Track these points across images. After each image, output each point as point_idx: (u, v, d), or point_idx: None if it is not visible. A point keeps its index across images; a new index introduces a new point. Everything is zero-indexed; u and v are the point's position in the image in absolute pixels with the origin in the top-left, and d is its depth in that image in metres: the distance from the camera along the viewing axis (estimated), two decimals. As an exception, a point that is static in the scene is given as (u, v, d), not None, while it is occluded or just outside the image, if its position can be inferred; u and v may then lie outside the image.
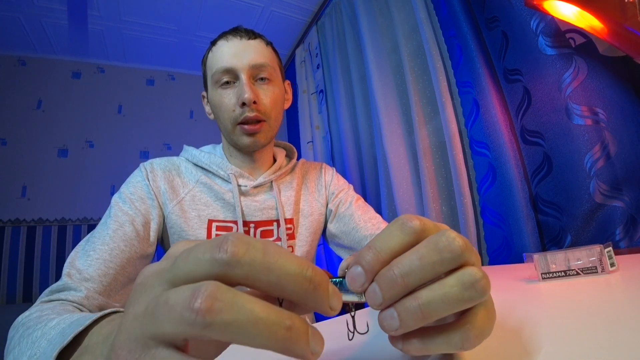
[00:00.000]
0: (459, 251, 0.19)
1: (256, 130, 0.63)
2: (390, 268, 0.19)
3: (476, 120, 1.04)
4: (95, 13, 2.05)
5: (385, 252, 0.20)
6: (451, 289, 0.18)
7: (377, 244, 0.20)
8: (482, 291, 0.18)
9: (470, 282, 0.18)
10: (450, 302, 0.18)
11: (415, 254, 0.19)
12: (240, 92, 0.61)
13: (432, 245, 0.19)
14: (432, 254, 0.19)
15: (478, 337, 0.19)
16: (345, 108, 1.77)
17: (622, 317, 0.29)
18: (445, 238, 0.19)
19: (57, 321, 0.31)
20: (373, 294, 0.19)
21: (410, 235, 0.20)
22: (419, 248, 0.19)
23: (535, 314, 0.34)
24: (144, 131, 2.60)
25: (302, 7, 2.15)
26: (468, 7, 1.10)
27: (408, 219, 0.20)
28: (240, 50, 0.63)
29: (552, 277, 0.49)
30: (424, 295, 0.18)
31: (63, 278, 0.48)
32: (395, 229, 0.20)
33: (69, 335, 0.25)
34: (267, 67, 0.65)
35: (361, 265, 0.20)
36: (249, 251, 0.15)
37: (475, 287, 0.18)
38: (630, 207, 0.76)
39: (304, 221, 0.73)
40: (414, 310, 0.18)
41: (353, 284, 0.20)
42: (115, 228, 0.55)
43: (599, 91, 0.80)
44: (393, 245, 0.20)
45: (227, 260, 0.15)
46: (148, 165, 0.66)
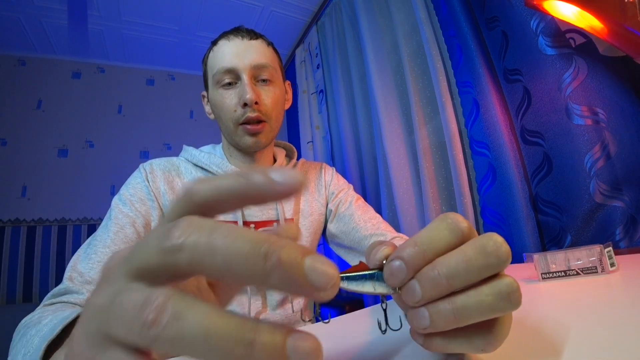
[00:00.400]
0: (505, 257, 0.18)
1: (258, 130, 0.63)
2: (434, 267, 0.19)
3: (476, 120, 1.04)
4: (95, 13, 2.05)
5: (430, 252, 0.19)
6: (487, 297, 0.18)
7: (424, 241, 0.20)
8: (517, 303, 0.18)
9: (506, 292, 0.18)
10: (484, 310, 0.18)
11: (462, 256, 0.18)
12: (242, 93, 0.61)
13: (480, 249, 0.18)
14: (479, 258, 0.18)
15: (499, 342, 0.19)
16: (345, 108, 1.77)
17: (622, 317, 0.29)
18: (493, 242, 0.18)
19: (50, 318, 0.32)
20: (412, 290, 0.19)
21: (458, 238, 0.20)
22: (466, 250, 0.19)
23: (535, 314, 0.34)
24: (144, 131, 2.60)
25: (302, 7, 2.15)
26: (468, 7, 1.10)
27: (458, 219, 0.20)
28: (242, 51, 0.63)
29: (552, 277, 0.49)
30: (459, 301, 0.18)
31: (65, 282, 0.48)
32: (444, 228, 0.20)
33: (56, 327, 0.26)
34: (268, 67, 0.65)
35: (404, 261, 0.19)
36: (193, 233, 0.13)
37: (511, 298, 0.18)
38: (630, 207, 0.76)
39: (304, 221, 0.73)
40: (447, 314, 0.18)
41: (392, 278, 0.19)
42: (116, 230, 0.55)
43: (599, 91, 0.80)
44: (439, 246, 0.19)
45: (172, 246, 0.13)
46: (147, 166, 0.66)
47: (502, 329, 0.19)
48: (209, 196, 0.15)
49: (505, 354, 0.24)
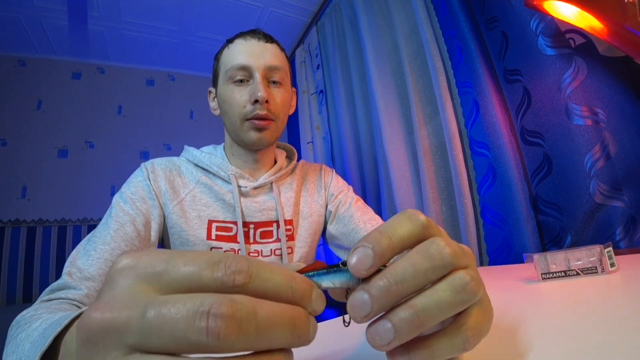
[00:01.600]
0: (448, 259, 0.19)
1: (265, 126, 0.64)
2: (382, 276, 0.18)
3: (476, 120, 1.04)
4: (95, 13, 2.05)
5: (396, 239, 0.19)
6: (444, 293, 0.18)
7: (387, 229, 0.20)
8: (473, 293, 0.19)
9: (460, 285, 0.19)
10: (444, 307, 0.18)
11: (408, 261, 0.19)
12: (254, 90, 0.62)
13: (424, 253, 0.19)
14: (424, 261, 0.19)
15: (476, 337, 0.19)
16: (345, 108, 1.77)
17: (622, 317, 0.29)
18: (435, 246, 0.19)
19: (40, 322, 0.32)
20: (360, 303, 0.18)
21: (418, 227, 0.20)
22: (411, 255, 0.19)
23: (536, 314, 0.34)
24: (144, 131, 2.60)
25: (302, 7, 2.15)
26: (468, 8, 1.10)
27: (415, 212, 0.21)
28: (258, 51, 0.65)
29: (552, 277, 0.49)
30: (419, 302, 0.18)
31: (63, 277, 0.49)
32: (405, 219, 0.20)
33: (49, 336, 0.25)
34: (280, 70, 0.66)
35: (370, 248, 0.19)
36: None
37: (466, 289, 0.19)
38: (630, 207, 0.76)
39: (304, 222, 0.73)
40: (410, 319, 0.18)
41: (358, 266, 0.19)
42: (117, 228, 0.56)
43: (598, 91, 0.80)
44: (403, 233, 0.20)
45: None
46: (149, 166, 0.67)
47: (474, 323, 0.20)
48: None
49: (506, 354, 0.24)
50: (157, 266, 0.16)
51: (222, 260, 0.16)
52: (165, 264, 0.16)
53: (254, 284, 0.16)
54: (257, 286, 0.16)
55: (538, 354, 0.23)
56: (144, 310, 0.14)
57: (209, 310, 0.14)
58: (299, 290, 0.17)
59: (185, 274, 0.16)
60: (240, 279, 0.16)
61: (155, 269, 0.16)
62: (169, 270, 0.16)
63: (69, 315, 0.27)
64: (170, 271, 0.16)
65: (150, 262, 0.16)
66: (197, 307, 0.14)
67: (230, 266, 0.16)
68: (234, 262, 0.16)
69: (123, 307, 0.15)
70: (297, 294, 0.17)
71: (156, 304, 0.14)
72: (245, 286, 0.16)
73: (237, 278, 0.16)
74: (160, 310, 0.14)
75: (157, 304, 0.14)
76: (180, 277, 0.16)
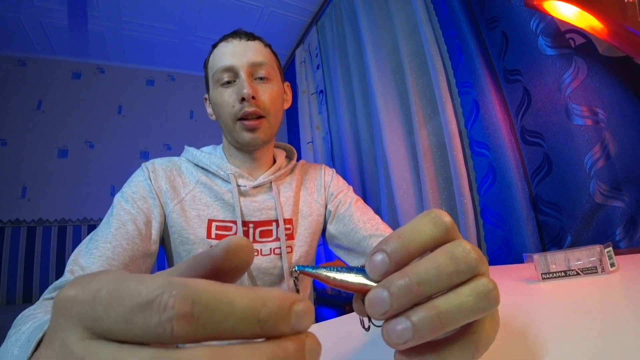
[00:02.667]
0: (474, 263, 0.18)
1: (256, 126, 0.64)
2: (404, 275, 0.18)
3: (476, 120, 1.04)
4: (95, 13, 2.05)
5: (413, 246, 0.19)
6: (467, 298, 0.18)
7: (407, 233, 0.19)
8: (495, 301, 0.18)
9: (484, 292, 0.18)
10: (466, 312, 0.18)
11: (432, 262, 0.18)
12: (240, 88, 0.63)
13: (449, 255, 0.19)
14: (449, 264, 0.18)
15: (485, 346, 0.19)
16: (345, 108, 1.77)
17: (622, 317, 0.29)
18: (461, 249, 0.19)
19: (30, 324, 0.31)
20: (379, 300, 0.18)
21: (441, 232, 0.19)
22: (436, 256, 0.19)
23: (536, 314, 0.34)
24: (144, 132, 2.60)
25: (302, 7, 2.15)
26: (468, 8, 1.10)
27: (440, 214, 0.20)
28: (240, 50, 0.65)
29: (552, 277, 0.49)
30: (442, 304, 0.18)
31: (66, 274, 0.49)
32: (428, 221, 0.20)
33: (32, 340, 0.25)
34: (265, 65, 0.66)
35: (387, 254, 0.19)
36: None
37: (489, 297, 0.18)
38: (630, 207, 0.76)
39: (303, 222, 0.73)
40: (431, 320, 0.17)
41: (374, 271, 0.19)
42: (118, 226, 0.56)
43: (598, 91, 0.80)
44: (423, 239, 0.19)
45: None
46: (150, 165, 0.67)
47: (487, 332, 0.19)
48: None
49: (506, 354, 0.24)
50: (90, 309, 0.13)
51: (157, 297, 0.12)
52: (98, 307, 0.13)
53: (204, 329, 0.12)
54: (210, 330, 0.12)
55: (538, 354, 0.23)
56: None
57: None
58: (271, 320, 0.13)
59: (117, 321, 0.12)
60: (181, 327, 0.12)
61: (89, 313, 0.13)
62: (101, 316, 0.13)
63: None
64: (102, 317, 0.13)
65: (84, 304, 0.13)
66: None
67: (166, 307, 0.12)
68: (172, 299, 0.12)
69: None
70: (268, 326, 0.13)
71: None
72: (191, 335, 0.12)
73: (175, 327, 0.12)
74: None
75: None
76: (113, 325, 0.13)
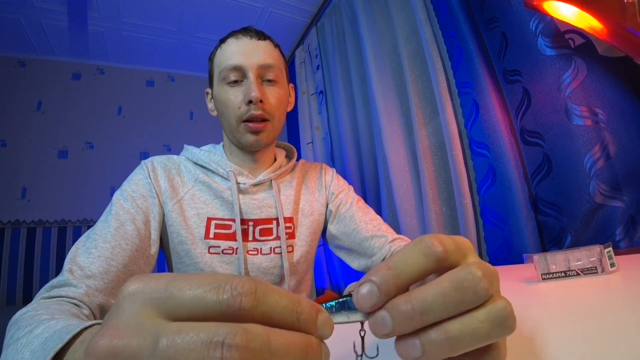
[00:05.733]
0: (483, 293, 0.18)
1: (260, 128, 0.64)
2: (408, 301, 0.18)
3: (476, 120, 1.04)
4: (95, 14, 2.06)
5: (404, 277, 0.19)
6: (481, 324, 0.17)
7: (397, 265, 0.19)
8: (512, 329, 0.18)
9: (501, 318, 0.18)
10: (479, 338, 0.17)
11: (438, 290, 0.18)
12: (248, 90, 0.62)
13: (457, 284, 0.18)
14: (456, 294, 0.18)
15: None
16: (345, 109, 1.77)
17: (622, 317, 0.29)
18: (471, 277, 0.18)
19: (42, 329, 0.31)
20: (382, 322, 0.18)
21: (433, 263, 0.19)
22: (442, 284, 0.18)
23: (536, 314, 0.34)
24: (143, 132, 2.60)
25: (302, 8, 2.15)
26: (467, 8, 1.10)
27: (431, 243, 0.19)
28: (250, 50, 0.64)
29: (552, 277, 0.49)
30: (453, 329, 0.17)
31: (64, 274, 0.48)
32: (418, 252, 0.19)
33: (50, 350, 0.25)
34: (274, 68, 0.65)
35: (376, 285, 0.18)
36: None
37: (506, 324, 0.18)
38: (630, 208, 0.76)
39: (304, 220, 0.73)
40: (440, 344, 0.17)
41: (362, 302, 0.19)
42: (117, 226, 0.56)
43: (598, 91, 0.80)
44: (412, 270, 0.19)
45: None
46: (149, 164, 0.67)
47: (499, 353, 0.19)
48: None
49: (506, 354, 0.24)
50: (163, 291, 0.16)
51: (229, 281, 0.16)
52: (171, 289, 0.16)
53: (261, 307, 0.16)
54: (264, 310, 0.16)
55: (538, 354, 0.23)
56: (156, 339, 0.14)
57: (223, 341, 0.14)
58: (305, 315, 0.17)
59: (190, 298, 0.15)
60: (248, 301, 0.15)
61: (161, 294, 0.16)
62: (175, 295, 0.16)
63: (71, 330, 0.27)
64: (175, 296, 0.16)
65: (156, 287, 0.16)
66: (211, 337, 0.14)
67: (236, 287, 0.15)
68: (241, 283, 0.16)
69: (133, 335, 0.14)
70: (302, 319, 0.16)
71: (169, 333, 0.14)
72: (253, 309, 0.15)
73: (244, 300, 0.15)
74: (173, 340, 0.14)
75: (169, 333, 0.14)
76: (186, 302, 0.15)
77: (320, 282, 1.93)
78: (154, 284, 0.16)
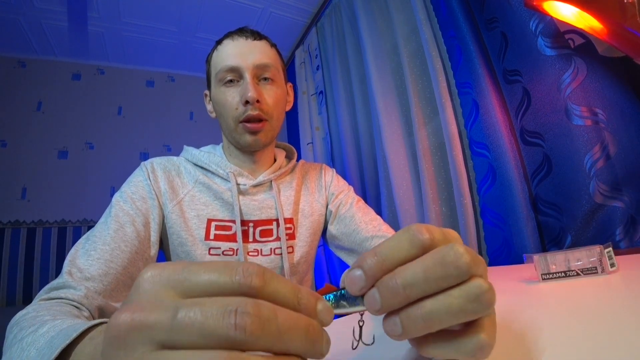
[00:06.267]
0: (465, 267, 0.18)
1: (258, 128, 0.64)
2: (393, 277, 0.19)
3: (476, 121, 1.04)
4: (95, 15, 2.06)
5: (389, 261, 0.20)
6: (456, 300, 0.18)
7: (383, 250, 0.20)
8: (487, 304, 0.19)
9: (475, 294, 0.18)
10: (454, 314, 0.18)
11: (420, 266, 0.19)
12: (244, 91, 0.62)
13: (439, 259, 0.19)
14: (437, 268, 0.19)
15: (490, 347, 0.19)
16: (345, 109, 1.77)
17: (623, 317, 0.29)
18: (453, 252, 0.19)
19: (47, 328, 0.31)
20: (372, 299, 0.20)
21: (418, 249, 0.20)
22: (425, 260, 0.19)
23: (536, 314, 0.34)
24: (144, 132, 2.60)
25: (302, 8, 2.15)
26: (467, 8, 1.10)
27: (418, 231, 0.20)
28: (246, 50, 0.64)
29: (552, 277, 0.49)
30: (428, 305, 0.19)
31: (63, 276, 0.48)
32: (405, 239, 0.20)
33: (56, 348, 0.25)
34: (270, 67, 0.65)
35: (362, 269, 0.20)
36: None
37: (481, 299, 0.18)
38: (630, 208, 0.76)
39: (305, 221, 0.73)
40: (416, 320, 0.19)
41: (352, 286, 0.20)
42: (116, 228, 0.55)
43: (598, 92, 0.80)
44: (398, 256, 0.20)
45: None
46: (149, 165, 0.66)
47: (488, 333, 0.19)
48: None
49: (506, 354, 0.24)
50: (180, 273, 0.17)
51: (240, 265, 0.17)
52: (188, 272, 0.17)
53: (268, 288, 0.17)
54: (269, 292, 0.17)
55: (538, 354, 0.23)
56: (175, 312, 0.15)
57: (237, 309, 0.15)
58: (304, 302, 0.18)
59: (206, 279, 0.17)
60: (257, 281, 0.17)
61: (179, 276, 0.17)
62: (191, 277, 0.17)
63: (78, 328, 0.27)
64: (191, 278, 0.17)
65: (173, 271, 0.17)
66: (226, 307, 0.15)
67: (247, 270, 0.17)
68: (251, 267, 0.17)
69: (152, 309, 0.16)
70: (303, 304, 0.18)
71: (187, 305, 0.15)
72: (262, 289, 0.17)
73: (254, 280, 0.17)
74: (191, 310, 0.15)
75: (187, 305, 0.15)
76: (202, 282, 0.17)
77: (320, 282, 1.93)
78: (172, 268, 0.18)
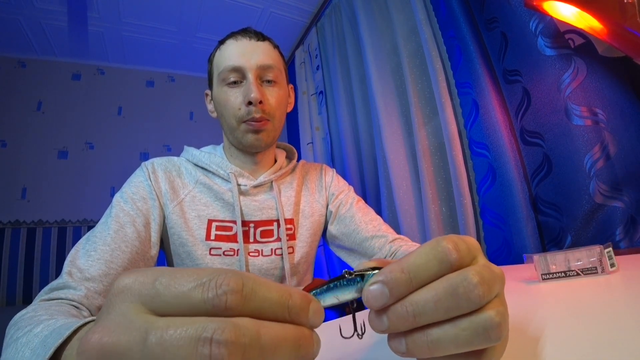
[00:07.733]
0: (476, 300, 0.18)
1: (261, 127, 0.64)
2: (404, 305, 0.19)
3: (475, 121, 1.04)
4: (95, 15, 2.06)
5: (416, 281, 0.19)
6: (463, 332, 0.18)
7: (412, 269, 0.19)
8: (496, 338, 0.18)
9: (484, 328, 0.18)
10: (460, 345, 0.18)
11: (432, 295, 0.18)
12: (247, 92, 0.62)
13: (451, 290, 0.18)
14: (448, 299, 0.18)
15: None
16: (344, 109, 1.77)
17: (622, 317, 0.29)
18: (466, 284, 0.18)
19: (41, 327, 0.31)
20: (379, 321, 0.19)
21: (447, 270, 0.19)
22: (437, 288, 0.18)
23: (536, 314, 0.34)
24: (144, 133, 2.60)
25: (302, 8, 2.15)
26: (467, 8, 1.10)
27: (448, 251, 0.19)
28: (249, 51, 0.64)
29: (552, 277, 0.49)
30: (435, 334, 0.18)
31: (63, 276, 0.48)
32: (434, 257, 0.19)
33: (50, 347, 0.25)
34: (273, 69, 0.65)
35: (388, 287, 0.19)
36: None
37: (489, 334, 0.18)
38: (630, 208, 0.76)
39: (305, 222, 0.73)
40: (421, 345, 0.18)
41: (372, 301, 0.19)
42: (117, 229, 0.55)
43: (598, 92, 0.80)
44: (427, 276, 0.19)
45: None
46: (149, 166, 0.66)
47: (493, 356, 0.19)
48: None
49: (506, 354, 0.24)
50: (150, 288, 0.16)
51: (213, 278, 0.15)
52: (158, 286, 0.16)
53: (248, 305, 0.15)
54: (252, 307, 0.16)
55: (538, 354, 0.23)
56: (145, 335, 0.14)
57: (212, 337, 0.13)
58: (296, 308, 0.17)
59: (176, 296, 0.15)
60: (233, 300, 0.15)
61: (149, 291, 0.16)
62: (161, 293, 0.15)
63: (70, 326, 0.27)
64: (162, 293, 0.15)
65: (144, 284, 0.16)
66: (200, 333, 0.14)
67: (221, 285, 0.15)
68: (226, 280, 0.15)
69: (123, 332, 0.14)
70: (293, 312, 0.17)
71: (157, 329, 0.14)
72: (240, 307, 0.15)
73: (229, 299, 0.15)
74: (162, 336, 0.14)
75: (158, 330, 0.14)
76: (172, 300, 0.15)
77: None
78: (142, 280, 0.16)
